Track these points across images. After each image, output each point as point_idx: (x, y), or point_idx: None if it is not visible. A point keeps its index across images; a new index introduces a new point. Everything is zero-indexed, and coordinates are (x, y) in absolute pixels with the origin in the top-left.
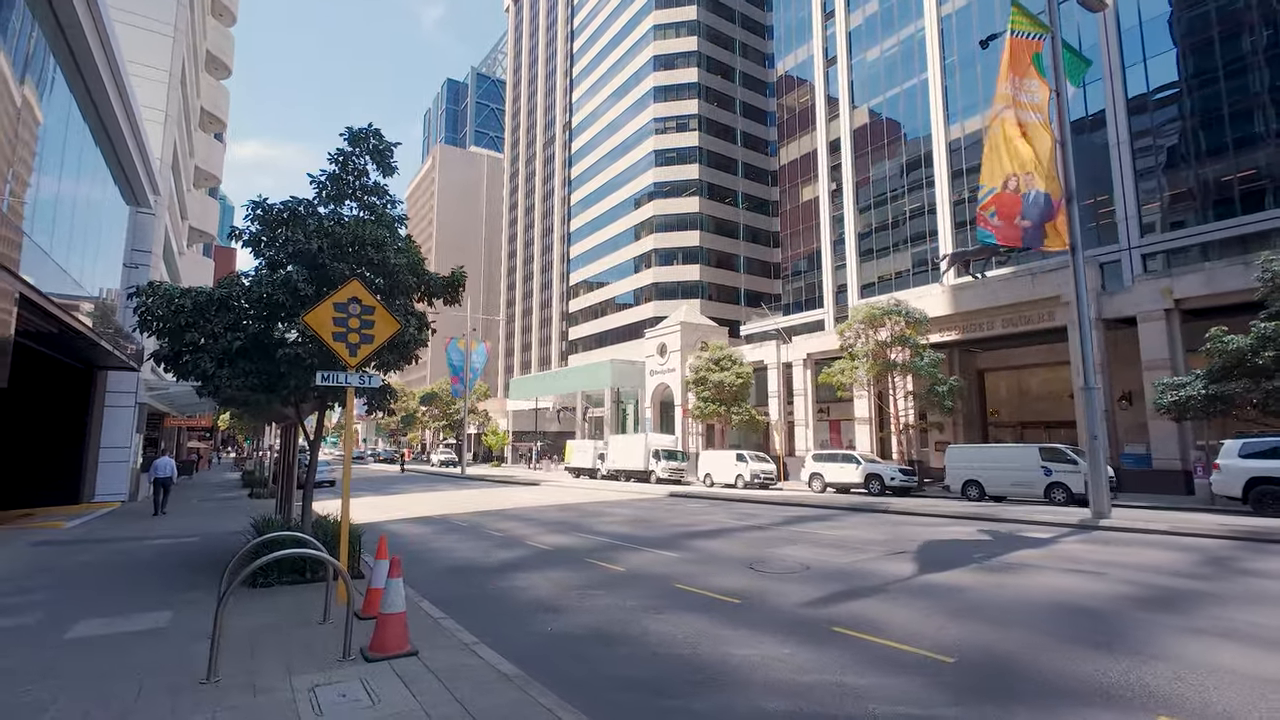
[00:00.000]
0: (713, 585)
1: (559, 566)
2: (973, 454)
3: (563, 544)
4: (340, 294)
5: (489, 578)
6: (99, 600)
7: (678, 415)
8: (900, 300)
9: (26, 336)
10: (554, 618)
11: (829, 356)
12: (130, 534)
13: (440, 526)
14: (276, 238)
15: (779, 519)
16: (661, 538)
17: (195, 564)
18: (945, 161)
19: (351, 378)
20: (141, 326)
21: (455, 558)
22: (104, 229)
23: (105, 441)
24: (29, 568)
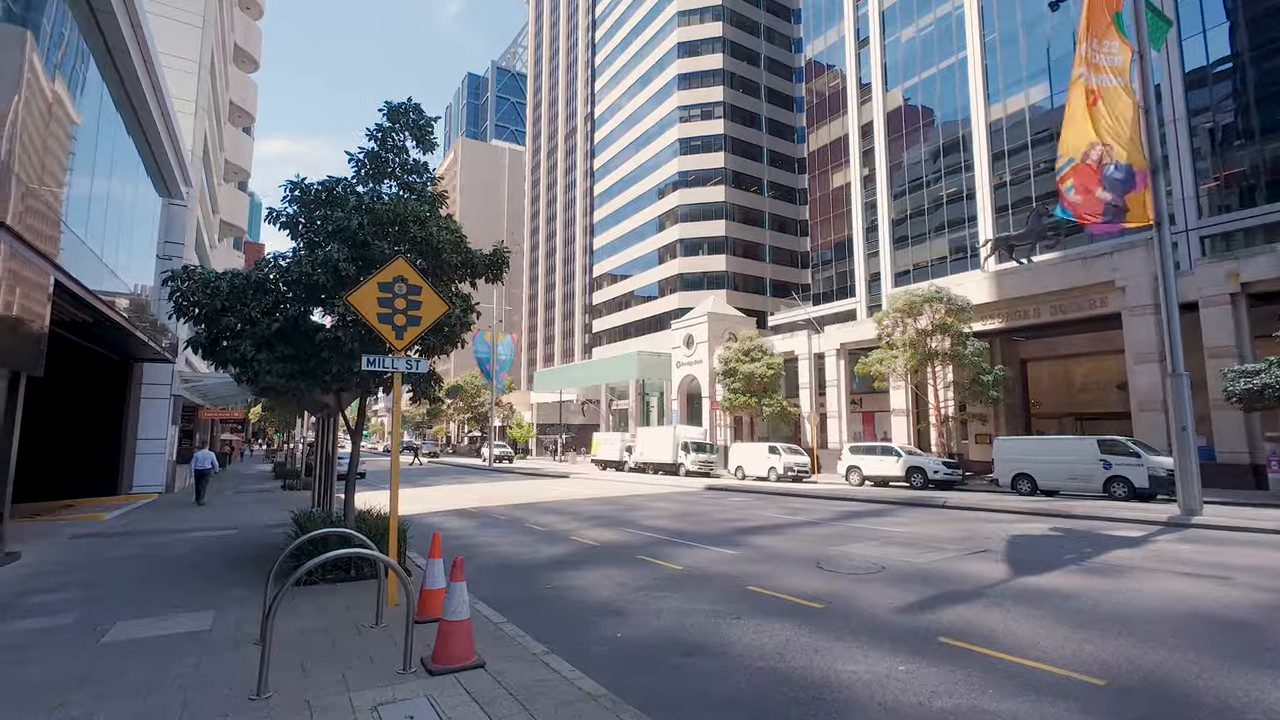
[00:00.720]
0: (786, 587)
1: (612, 564)
2: (1023, 446)
3: (610, 539)
4: (385, 272)
5: (541, 576)
6: (138, 598)
7: (705, 407)
8: (941, 287)
9: (63, 326)
10: (621, 623)
11: (864, 346)
12: (168, 526)
13: (479, 520)
14: (315, 218)
15: (831, 514)
16: (713, 533)
17: (235, 558)
18: (985, 144)
19: (398, 362)
20: (177, 312)
21: (501, 554)
22: (137, 221)
23: (143, 433)
24: (69, 561)
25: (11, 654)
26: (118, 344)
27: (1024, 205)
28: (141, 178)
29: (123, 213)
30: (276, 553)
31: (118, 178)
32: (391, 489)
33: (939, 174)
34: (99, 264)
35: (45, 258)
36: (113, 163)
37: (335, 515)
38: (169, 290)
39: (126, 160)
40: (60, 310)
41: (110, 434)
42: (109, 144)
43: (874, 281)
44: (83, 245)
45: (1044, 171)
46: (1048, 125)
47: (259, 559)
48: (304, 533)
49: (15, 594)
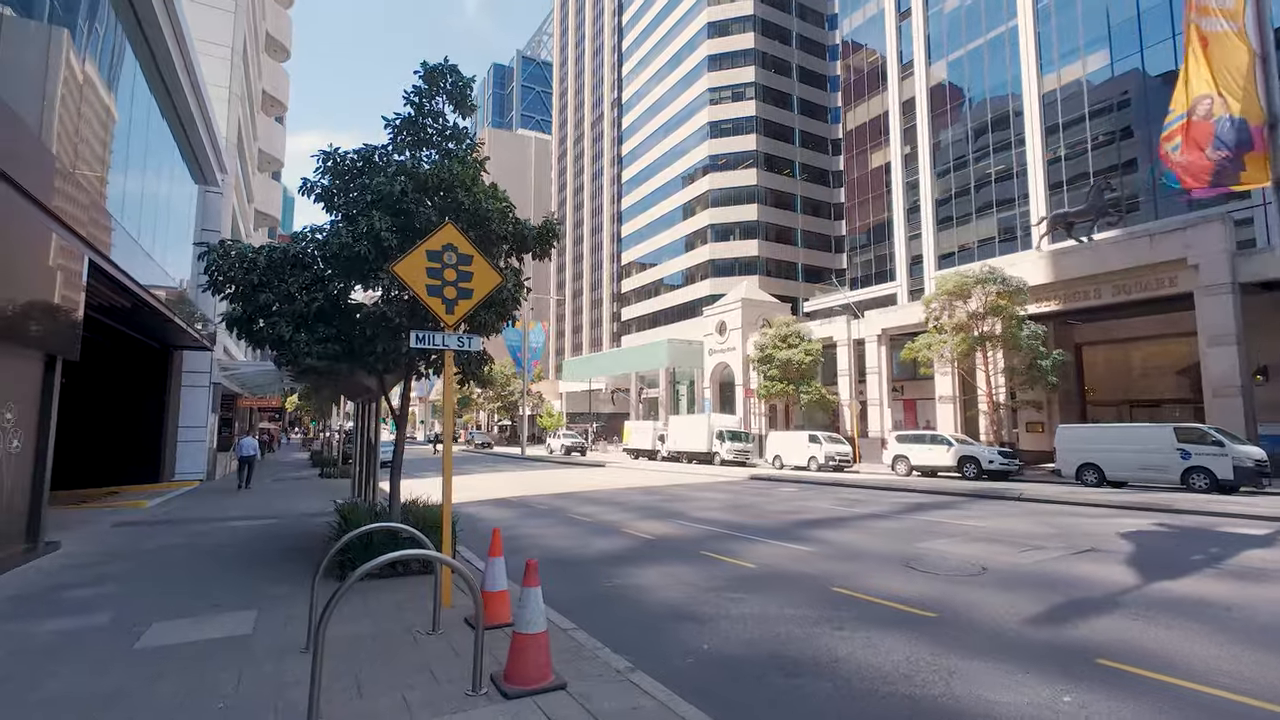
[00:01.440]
0: (878, 589)
1: (673, 560)
2: (1089, 434)
3: (664, 532)
4: (433, 239)
5: (599, 573)
6: (176, 593)
7: (739, 395)
8: (995, 267)
9: (102, 312)
10: (702, 630)
11: (907, 331)
12: (209, 514)
13: (520, 510)
14: (352, 188)
15: (894, 506)
16: (773, 527)
17: (276, 549)
18: (1038, 116)
19: (449, 339)
20: (212, 288)
21: (550, 547)
22: (173, 207)
23: (183, 421)
24: (108, 551)
25: (36, 661)
26: (157, 331)
27: (1081, 180)
28: (177, 163)
29: (159, 199)
30: (317, 543)
31: (153, 162)
32: (445, 481)
33: (986, 150)
34: (135, 247)
35: (80, 238)
36: (147, 146)
37: (380, 506)
38: (205, 264)
39: (161, 144)
40: (98, 294)
41: (152, 421)
42: (143, 126)
43: (915, 265)
44: (120, 229)
45: (1104, 144)
46: (1108, 96)
47: (300, 550)
48: (349, 526)
49: (50, 588)
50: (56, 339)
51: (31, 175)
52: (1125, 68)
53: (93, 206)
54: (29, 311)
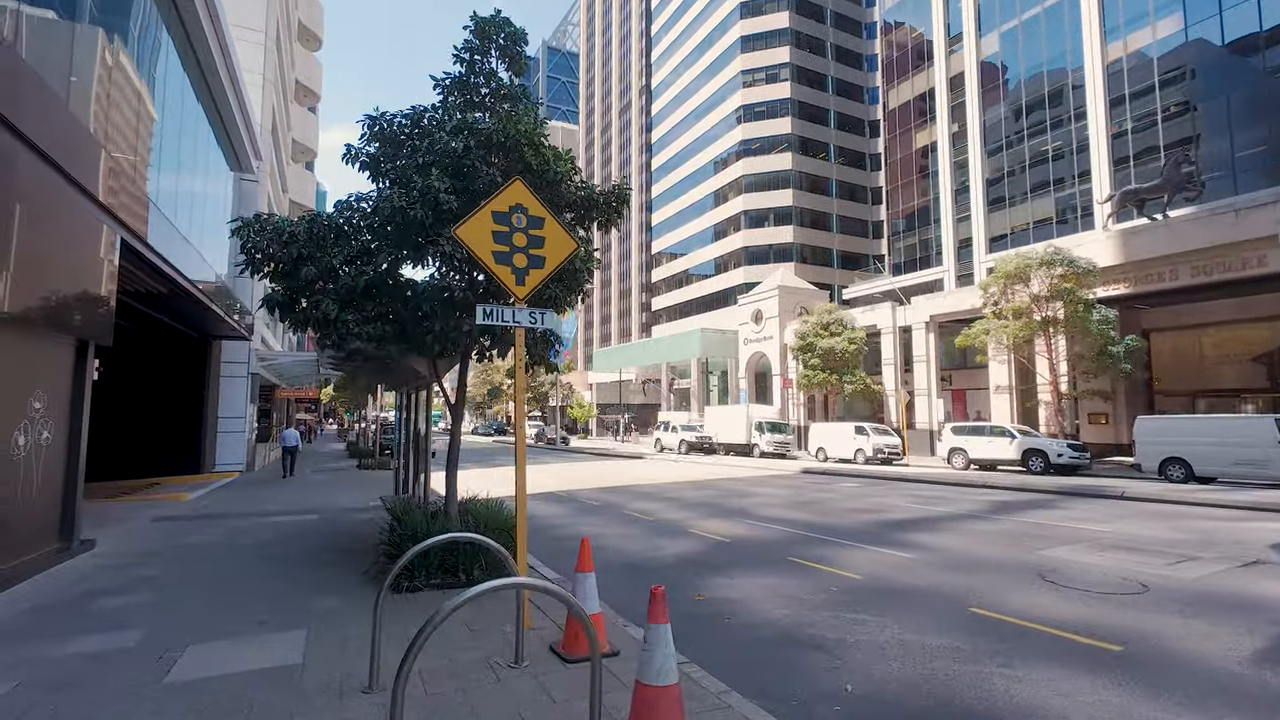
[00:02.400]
0: (1027, 611)
1: (760, 567)
2: (1175, 426)
3: (737, 533)
4: (500, 198)
5: (681, 582)
6: (215, 605)
7: (776, 385)
8: (1060, 248)
9: (139, 299)
10: (835, 664)
11: (958, 318)
12: (249, 508)
13: (571, 506)
14: (402, 153)
15: (981, 504)
16: (855, 528)
17: (319, 549)
18: (1102, 87)
19: (520, 314)
20: (249, 267)
21: (617, 549)
22: (209, 194)
23: (223, 411)
24: (145, 549)
25: (46, 699)
26: (195, 319)
27: (1150, 155)
28: (212, 148)
29: (194, 185)
30: (362, 543)
31: (187, 145)
32: (518, 485)
33: (1043, 126)
34: (171, 232)
35: (112, 216)
36: (181, 127)
37: (434, 505)
38: (240, 241)
39: (196, 128)
40: (133, 279)
41: (192, 412)
42: (177, 107)
43: (964, 248)
44: (154, 211)
45: (1176, 115)
46: (1180, 63)
47: (344, 551)
48: (402, 528)
49: (80, 595)
50: (88, 323)
51: (60, 146)
52: (1201, 33)
53: (125, 186)
54: (57, 293)
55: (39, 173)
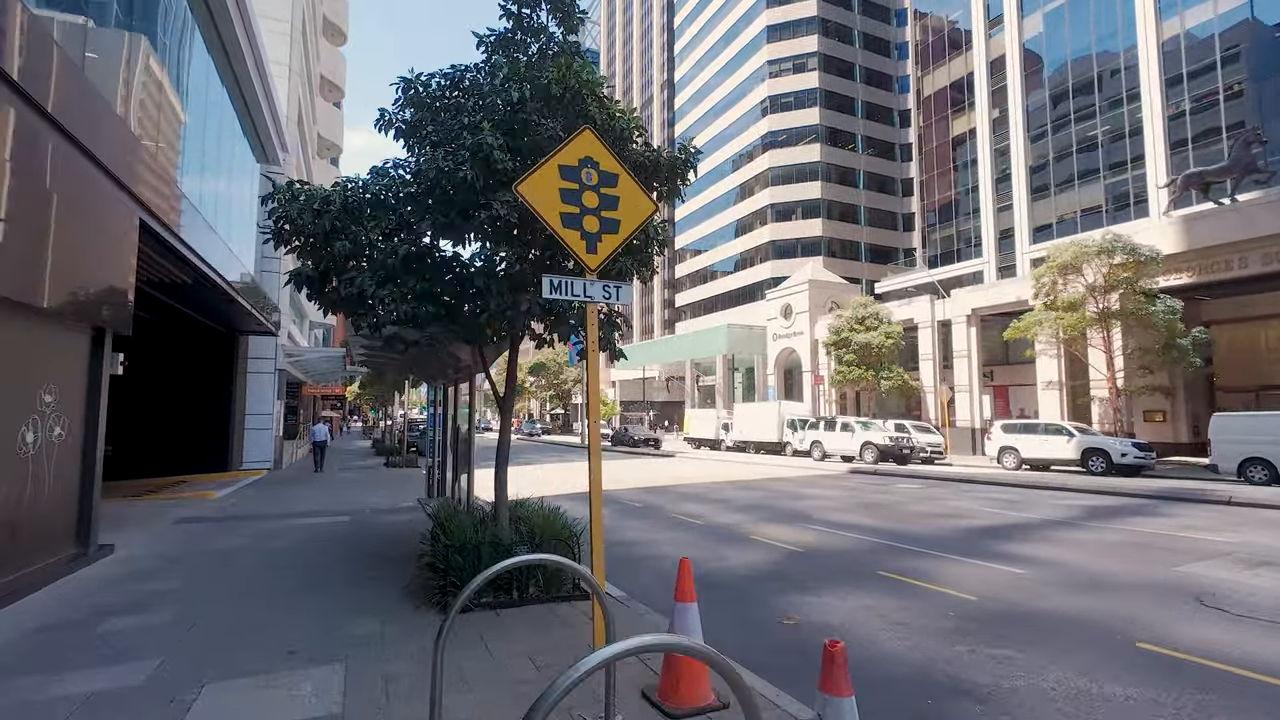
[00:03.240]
0: (1209, 648)
1: (849, 584)
2: (1256, 425)
3: (803, 540)
4: (567, 150)
5: (761, 601)
6: (239, 628)
7: (806, 382)
8: (1120, 235)
9: (164, 291)
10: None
11: (1002, 311)
12: (277, 508)
13: (612, 508)
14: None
15: (1068, 510)
16: (938, 536)
17: (354, 559)
18: (1157, 66)
19: (593, 288)
20: (276, 239)
21: (674, 559)
22: (234, 186)
23: (250, 408)
24: (166, 556)
25: None
26: (222, 313)
27: (1210, 136)
28: (238, 137)
29: (219, 174)
30: (398, 550)
31: (211, 130)
32: (592, 492)
33: (1091, 109)
34: (195, 217)
35: (129, 193)
36: (205, 110)
37: (481, 511)
38: (269, 210)
39: (221, 113)
40: (156, 267)
41: (220, 409)
42: (201, 90)
43: (1005, 238)
44: (177, 191)
45: (1238, 95)
46: (1241, 39)
47: (380, 560)
48: (447, 536)
49: (90, 614)
50: (104, 309)
51: (69, 109)
52: (1267, 4)
53: (144, 162)
54: (69, 276)
55: (40, 134)
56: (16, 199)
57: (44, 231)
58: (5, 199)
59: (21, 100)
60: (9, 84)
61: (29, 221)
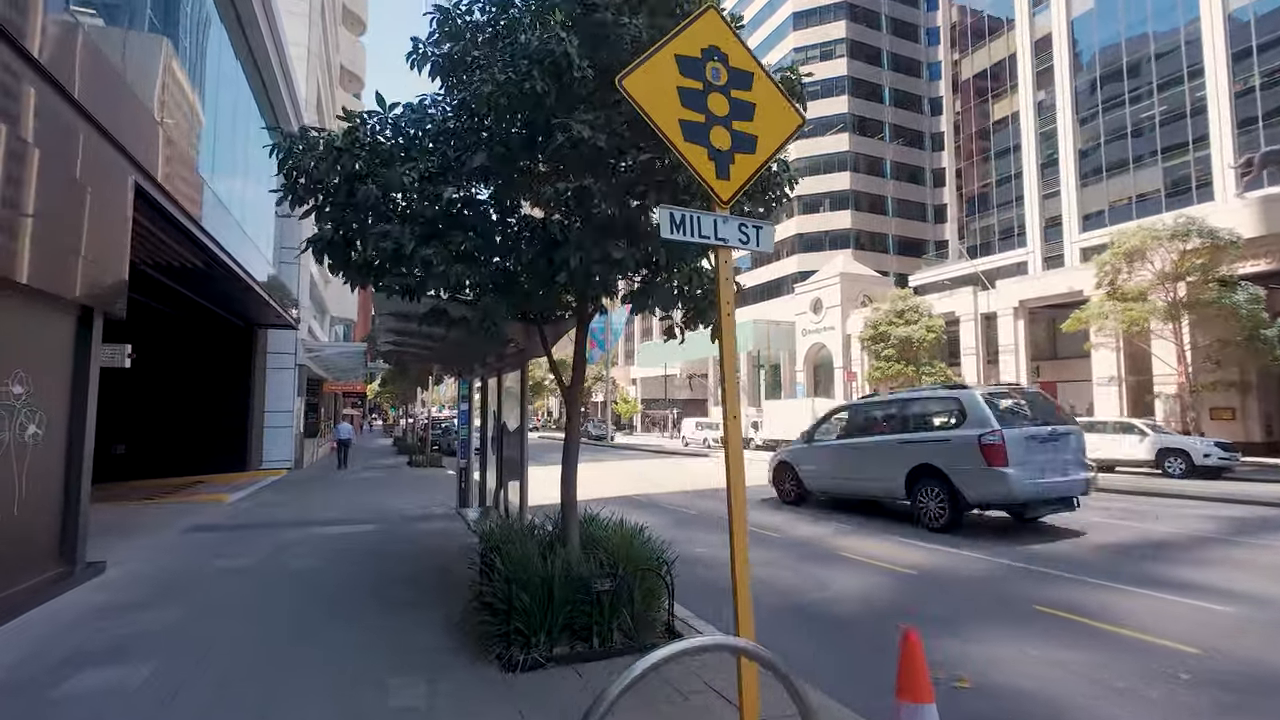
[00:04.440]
0: None
1: (1008, 625)
2: None
3: (909, 559)
4: (686, 36)
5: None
6: (243, 697)
7: (837, 378)
8: (1193, 218)
9: (175, 277)
10: None
11: (1052, 303)
12: (296, 514)
13: (664, 516)
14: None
15: (1205, 522)
16: (1074, 557)
17: (387, 583)
18: (1222, 41)
19: (727, 226)
20: (289, 197)
21: (762, 582)
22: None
23: (269, 405)
24: (163, 579)
25: None
26: (238, 302)
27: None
28: (254, 117)
29: (233, 156)
30: (435, 568)
31: (225, 107)
32: (734, 517)
33: (1147, 88)
34: (206, 189)
35: (123, 152)
36: (219, 78)
37: (542, 529)
38: (279, 161)
39: (235, 86)
40: (163, 249)
41: (238, 406)
42: (215, 57)
43: (1051, 227)
44: (185, 163)
45: None
46: None
47: (417, 585)
48: (508, 565)
49: (57, 663)
50: (92, 285)
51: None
52: None
53: (141, 121)
54: (45, 242)
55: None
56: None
57: (12, 186)
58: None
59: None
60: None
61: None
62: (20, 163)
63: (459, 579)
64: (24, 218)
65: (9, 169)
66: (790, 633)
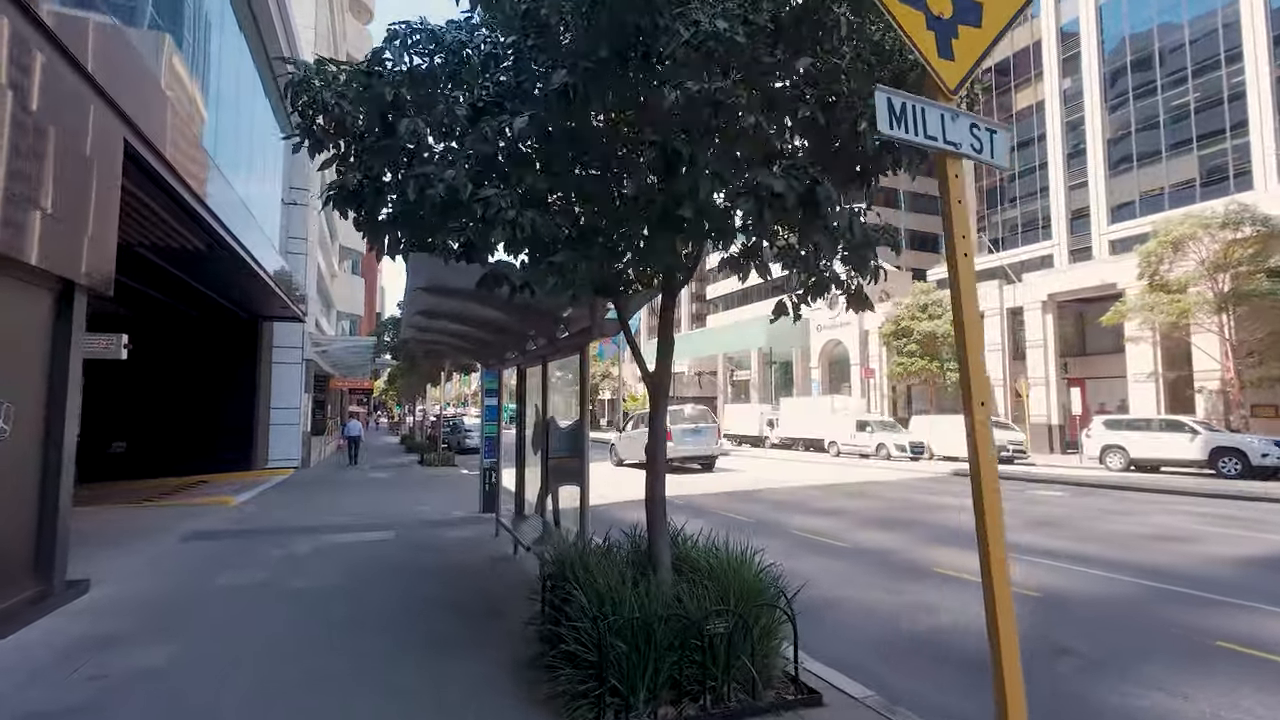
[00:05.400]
0: None
1: (1194, 668)
2: None
3: (1037, 581)
4: None
5: (1072, 696)
6: None
7: (854, 375)
8: (1246, 204)
9: (174, 261)
10: None
11: (1083, 297)
12: (306, 518)
13: (711, 520)
14: None
15: None
16: (1218, 575)
17: (420, 609)
18: (1263, 22)
19: (957, 125)
20: (306, 139)
21: (858, 605)
22: (255, 151)
23: (275, 401)
24: (156, 600)
25: None
26: (242, 291)
27: None
28: (259, 96)
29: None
30: (475, 588)
31: (228, 78)
32: (989, 558)
33: (1181, 74)
34: (209, 166)
35: (112, 105)
36: (221, 56)
37: (619, 548)
38: (290, 99)
39: (238, 58)
40: (163, 229)
41: (243, 402)
42: (217, 27)
43: (1078, 219)
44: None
45: None
46: None
47: (454, 610)
48: (593, 601)
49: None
50: (71, 256)
51: None
52: None
53: (133, 71)
54: (12, 204)
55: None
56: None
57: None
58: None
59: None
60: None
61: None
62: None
63: (502, 601)
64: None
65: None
66: (921, 677)
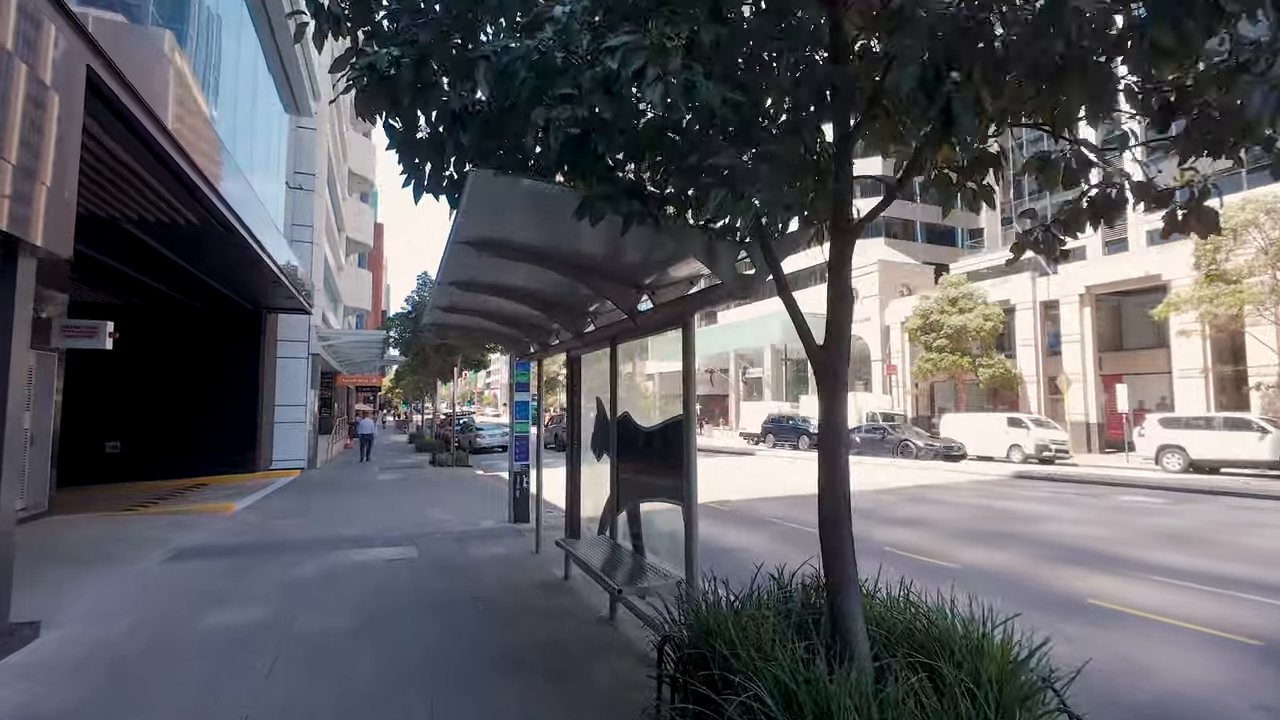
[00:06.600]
0: None
1: None
2: None
3: (1243, 623)
4: None
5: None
6: None
7: (876, 372)
8: None
9: (164, 240)
10: None
11: (1126, 289)
12: (315, 531)
13: (767, 532)
14: None
15: None
16: None
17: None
18: None
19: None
20: (325, 23)
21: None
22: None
23: (280, 399)
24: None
25: None
26: (244, 279)
27: None
28: (261, 73)
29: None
30: (541, 652)
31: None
32: None
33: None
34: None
35: (70, 19)
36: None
37: (784, 606)
38: None
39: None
40: (148, 199)
41: (246, 399)
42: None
43: None
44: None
45: None
46: None
47: (517, 671)
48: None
49: None
50: (13, 204)
51: None
52: None
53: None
54: None
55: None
56: None
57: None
58: None
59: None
60: None
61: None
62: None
63: (579, 656)
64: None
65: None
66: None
